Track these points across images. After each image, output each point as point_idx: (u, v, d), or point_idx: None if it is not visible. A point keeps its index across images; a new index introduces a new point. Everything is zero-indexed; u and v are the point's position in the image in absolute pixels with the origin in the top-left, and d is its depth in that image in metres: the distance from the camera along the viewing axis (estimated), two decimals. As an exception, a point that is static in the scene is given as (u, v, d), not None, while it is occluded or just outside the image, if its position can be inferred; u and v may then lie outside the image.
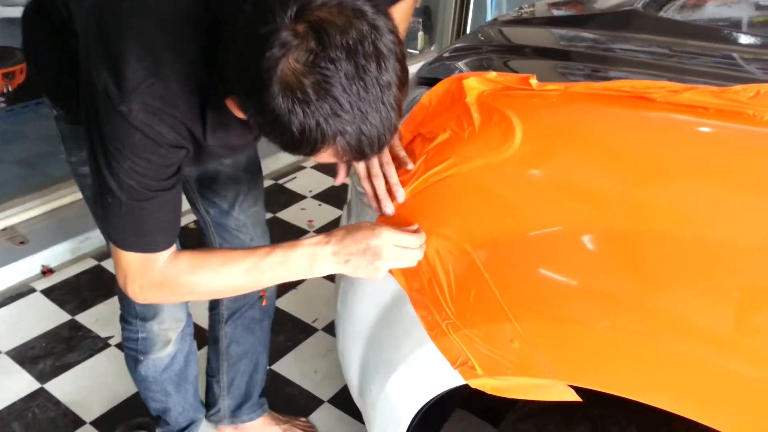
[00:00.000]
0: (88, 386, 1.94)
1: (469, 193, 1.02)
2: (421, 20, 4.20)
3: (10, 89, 3.19)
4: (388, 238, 1.01)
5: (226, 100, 0.88)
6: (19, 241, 2.43)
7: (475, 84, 1.03)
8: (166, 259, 1.02)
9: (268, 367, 1.76)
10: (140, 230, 0.99)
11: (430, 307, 1.05)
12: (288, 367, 2.04)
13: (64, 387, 1.93)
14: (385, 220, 1.09)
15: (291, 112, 0.78)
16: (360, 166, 1.11)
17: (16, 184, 2.69)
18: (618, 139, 0.94)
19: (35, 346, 2.07)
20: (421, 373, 1.11)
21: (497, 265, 1.00)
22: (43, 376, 1.96)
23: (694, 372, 0.87)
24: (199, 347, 1.65)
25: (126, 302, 1.45)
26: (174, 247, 1.04)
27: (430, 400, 1.14)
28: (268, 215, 2.80)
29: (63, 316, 2.20)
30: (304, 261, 1.03)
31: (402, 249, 1.01)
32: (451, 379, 1.05)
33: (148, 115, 0.91)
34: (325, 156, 0.84)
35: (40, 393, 1.91)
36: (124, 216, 0.98)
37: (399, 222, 1.07)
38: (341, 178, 1.23)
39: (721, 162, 0.88)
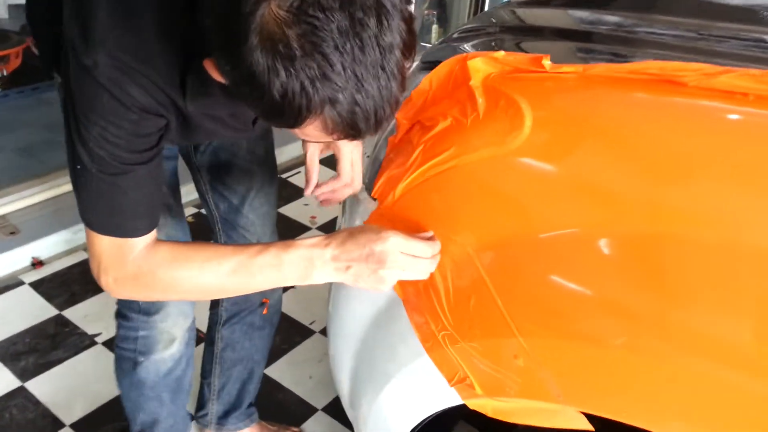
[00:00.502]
0: (71, 386, 1.85)
1: (471, 189, 0.91)
2: (435, 12, 4.08)
3: (5, 73, 3.12)
4: (395, 244, 0.88)
5: (205, 62, 0.76)
6: (9, 231, 2.35)
7: (481, 66, 0.92)
8: (143, 247, 0.92)
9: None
10: (114, 210, 0.89)
11: (426, 315, 0.94)
12: (281, 371, 1.94)
13: (46, 386, 1.84)
14: (390, 222, 0.97)
15: (271, 70, 0.65)
16: (310, 146, 1.04)
17: (8, 172, 2.61)
18: (643, 130, 0.82)
19: (18, 341, 1.99)
20: (418, 387, 1.02)
21: (501, 271, 0.89)
22: (24, 374, 1.87)
23: (725, 401, 0.75)
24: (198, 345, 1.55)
25: None
26: (153, 235, 0.94)
27: (427, 418, 1.04)
28: (270, 210, 2.70)
29: (50, 311, 2.11)
30: (300, 265, 0.91)
31: (411, 258, 0.89)
32: (450, 396, 0.95)
33: (117, 72, 0.80)
34: (312, 130, 0.72)
35: (20, 392, 1.82)
36: (95, 192, 0.88)
37: (394, 223, 0.96)
38: (311, 187, 1.18)
39: (763, 158, 0.76)
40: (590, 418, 0.85)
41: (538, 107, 0.86)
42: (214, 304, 1.52)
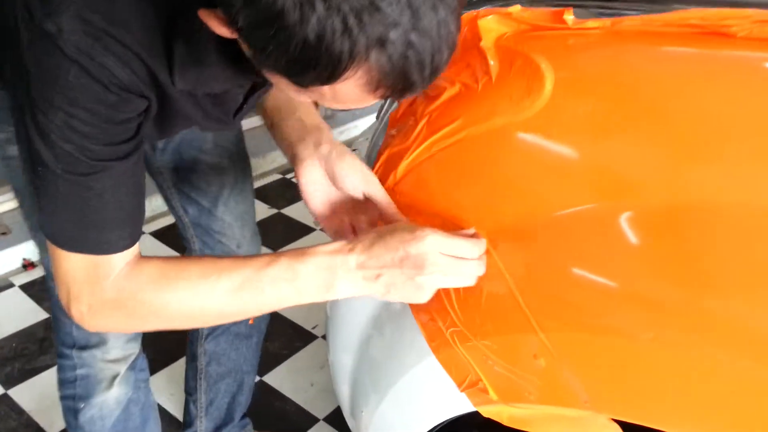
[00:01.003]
0: (57, 394, 1.74)
1: (482, 164, 0.80)
2: None
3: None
4: (434, 244, 0.73)
5: (200, 12, 0.61)
6: (1, 232, 2.27)
7: (493, 25, 0.81)
8: (124, 265, 0.75)
9: (258, 378, 1.54)
10: (86, 220, 0.72)
11: (432, 311, 0.83)
12: (281, 378, 1.85)
13: (30, 394, 1.77)
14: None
15: (305, 2, 0.52)
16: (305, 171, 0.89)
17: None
18: (682, 92, 0.71)
19: (5, 346, 1.92)
20: (424, 393, 0.92)
21: (519, 259, 0.79)
22: (9, 381, 1.80)
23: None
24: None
25: (59, 325, 1.13)
26: (135, 250, 0.77)
27: (435, 428, 0.94)
28: (272, 211, 2.61)
29: (40, 314, 2.04)
30: (319, 276, 0.75)
31: (454, 260, 0.74)
32: (460, 402, 0.84)
33: (87, 38, 0.64)
34: (351, 87, 0.58)
35: (3, 399, 1.75)
36: (62, 199, 0.71)
37: (402, 209, 0.85)
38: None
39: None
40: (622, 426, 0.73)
41: (560, 67, 0.75)
42: None
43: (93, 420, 1.16)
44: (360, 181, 0.86)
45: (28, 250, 2.24)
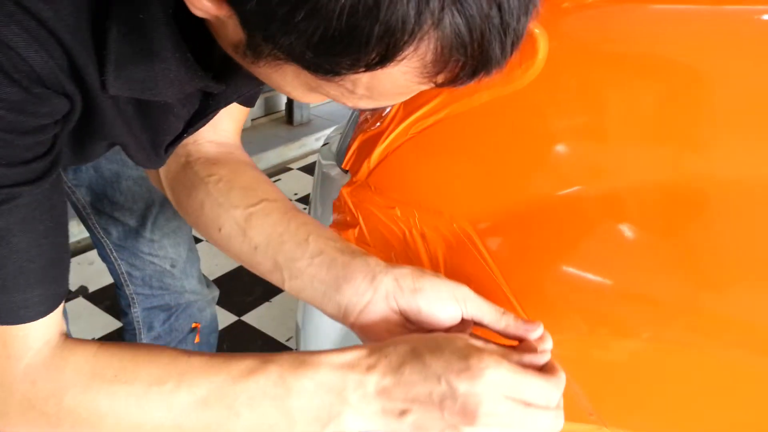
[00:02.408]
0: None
1: (467, 145, 0.71)
2: None
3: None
4: (496, 383, 0.53)
5: None
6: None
7: (477, -9, 0.71)
8: (42, 345, 0.54)
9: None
10: None
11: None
12: None
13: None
14: (368, 199, 0.74)
15: None
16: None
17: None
18: (697, 56, 0.62)
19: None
20: None
21: (509, 251, 0.69)
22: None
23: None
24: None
25: None
26: (58, 323, 0.55)
27: None
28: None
29: None
30: (319, 400, 0.55)
31: (522, 408, 0.53)
32: None
33: None
34: (399, 73, 0.44)
35: None
36: None
37: (377, 201, 0.75)
38: None
39: None
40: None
41: (554, 33, 0.66)
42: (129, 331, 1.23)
43: None
44: (455, 307, 0.61)
45: None
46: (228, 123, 0.80)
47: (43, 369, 0.53)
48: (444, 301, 0.61)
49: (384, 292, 0.61)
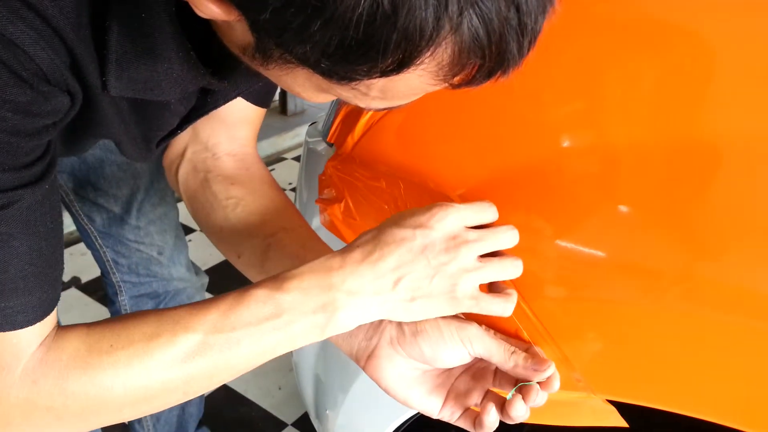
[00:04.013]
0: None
1: (450, 112, 0.70)
2: None
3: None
4: (459, 216, 0.58)
5: None
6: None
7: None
8: (40, 346, 0.53)
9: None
10: None
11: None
12: (246, 382, 1.76)
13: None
14: (350, 172, 0.73)
15: None
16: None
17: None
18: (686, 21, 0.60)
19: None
20: None
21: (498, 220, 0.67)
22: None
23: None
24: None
25: None
26: (53, 321, 0.55)
27: (405, 423, 0.83)
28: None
29: None
30: (311, 303, 0.56)
31: (486, 230, 0.59)
32: None
33: None
34: (414, 76, 0.43)
35: None
36: None
37: (363, 173, 0.74)
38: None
39: None
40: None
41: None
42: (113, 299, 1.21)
43: None
44: (460, 348, 0.61)
45: None
46: (245, 130, 0.81)
47: (40, 366, 0.52)
48: (448, 343, 0.61)
49: (388, 337, 0.62)
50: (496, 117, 0.66)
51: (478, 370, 0.63)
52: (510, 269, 0.58)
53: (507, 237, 0.59)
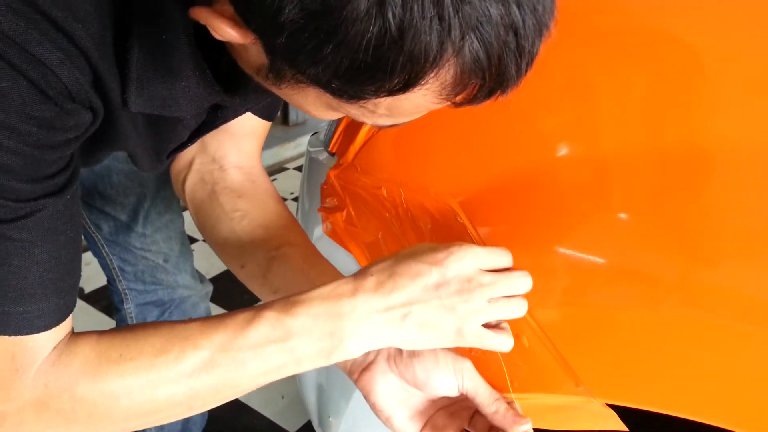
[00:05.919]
0: None
1: (449, 120, 0.70)
2: None
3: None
4: (475, 258, 0.59)
5: (193, 11, 0.47)
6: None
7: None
8: (53, 351, 0.54)
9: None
10: (2, 288, 0.51)
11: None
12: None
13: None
14: (352, 181, 0.74)
15: None
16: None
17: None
18: (679, 27, 0.61)
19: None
20: None
21: (498, 227, 0.68)
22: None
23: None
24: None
25: None
26: (68, 328, 0.56)
27: None
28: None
29: None
30: (319, 329, 0.57)
31: (502, 276, 0.60)
32: None
33: (16, 18, 0.44)
34: (419, 95, 0.45)
35: None
36: None
37: (365, 182, 0.75)
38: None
39: None
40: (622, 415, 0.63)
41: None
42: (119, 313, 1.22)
43: None
44: (451, 378, 0.64)
45: None
46: (251, 143, 0.83)
47: (52, 369, 0.54)
48: (441, 370, 0.63)
49: (386, 354, 0.65)
50: (493, 126, 0.67)
51: (457, 408, 0.66)
52: (516, 309, 0.60)
53: (520, 283, 0.60)
